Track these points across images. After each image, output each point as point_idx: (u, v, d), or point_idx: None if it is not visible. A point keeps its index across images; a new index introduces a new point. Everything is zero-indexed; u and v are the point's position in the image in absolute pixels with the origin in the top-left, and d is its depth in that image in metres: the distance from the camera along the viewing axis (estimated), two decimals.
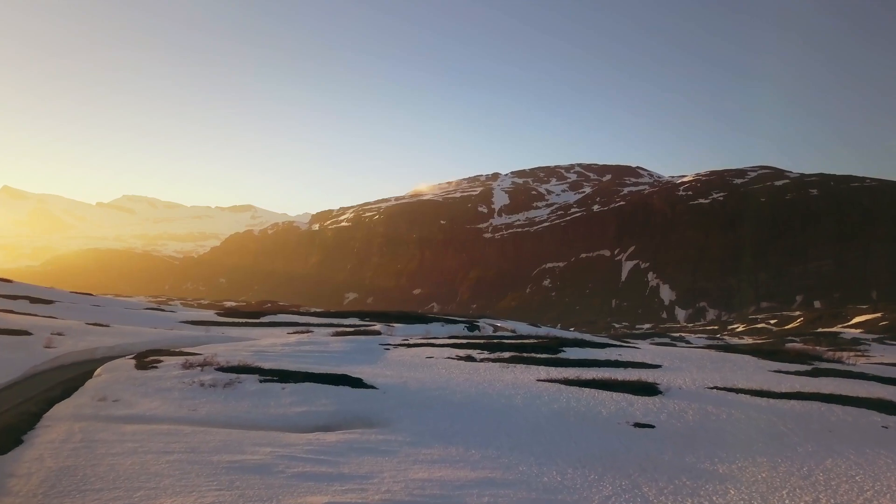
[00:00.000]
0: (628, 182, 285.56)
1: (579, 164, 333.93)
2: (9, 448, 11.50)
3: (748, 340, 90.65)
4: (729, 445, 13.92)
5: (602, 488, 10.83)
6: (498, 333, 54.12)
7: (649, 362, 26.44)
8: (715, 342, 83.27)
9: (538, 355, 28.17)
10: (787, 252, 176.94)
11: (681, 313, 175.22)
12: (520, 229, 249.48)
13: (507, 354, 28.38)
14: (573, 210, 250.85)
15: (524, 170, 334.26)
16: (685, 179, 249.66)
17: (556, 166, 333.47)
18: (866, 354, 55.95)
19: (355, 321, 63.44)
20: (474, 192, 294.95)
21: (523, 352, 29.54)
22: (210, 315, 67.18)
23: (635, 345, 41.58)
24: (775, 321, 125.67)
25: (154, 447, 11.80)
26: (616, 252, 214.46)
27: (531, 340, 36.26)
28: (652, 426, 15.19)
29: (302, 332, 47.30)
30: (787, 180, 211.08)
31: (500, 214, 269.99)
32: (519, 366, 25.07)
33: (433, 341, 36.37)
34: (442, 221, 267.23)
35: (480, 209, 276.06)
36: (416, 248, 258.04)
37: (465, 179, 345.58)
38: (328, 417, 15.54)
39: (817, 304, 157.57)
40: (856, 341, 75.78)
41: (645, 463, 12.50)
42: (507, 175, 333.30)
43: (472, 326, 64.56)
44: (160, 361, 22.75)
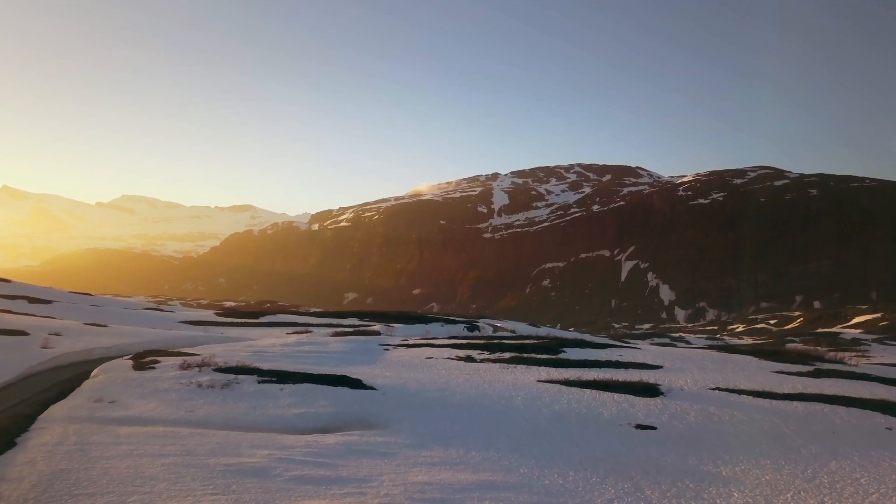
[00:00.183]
0: (628, 182, 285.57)
1: (579, 164, 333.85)
2: (1, 451, 11.31)
3: (748, 341, 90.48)
4: (732, 447, 13.76)
5: (604, 491, 10.68)
6: (498, 334, 53.94)
7: (650, 363, 26.28)
8: (715, 342, 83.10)
9: (538, 356, 28.00)
10: (786, 252, 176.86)
11: (680, 313, 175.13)
12: (519, 229, 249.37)
13: (507, 355, 28.18)
14: (573, 210, 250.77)
15: (524, 170, 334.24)
16: (685, 179, 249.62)
17: (555, 166, 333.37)
18: (867, 355, 55.80)
19: (355, 321, 63.30)
20: (474, 193, 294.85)
21: (523, 352, 29.34)
22: (209, 315, 66.99)
23: (635, 345, 41.44)
24: (775, 321, 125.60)
25: (149, 450, 11.62)
26: (616, 252, 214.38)
27: (531, 341, 36.07)
28: (654, 428, 15.03)
29: (301, 333, 47.14)
30: (787, 180, 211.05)
31: (499, 214, 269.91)
32: (519, 366, 24.90)
33: (433, 342, 36.17)
34: (441, 221, 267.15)
35: (480, 209, 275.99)
36: (415, 248, 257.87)
37: (464, 179, 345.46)
38: (327, 419, 15.38)
39: (817, 304, 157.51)
40: (856, 341, 75.66)
41: (647, 465, 12.34)
42: (506, 175, 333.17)
43: (472, 326, 64.38)
44: (158, 362, 22.58)
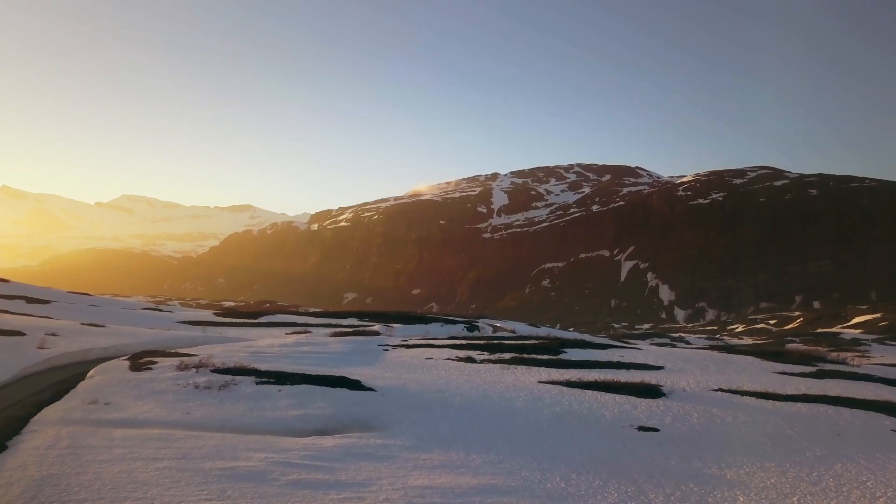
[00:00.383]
0: (627, 182, 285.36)
1: (578, 164, 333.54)
2: None
3: (748, 341, 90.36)
4: (736, 449, 13.55)
5: (607, 495, 10.48)
6: (498, 334, 53.73)
7: (651, 364, 26.09)
8: (715, 343, 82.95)
9: (539, 356, 27.78)
10: (786, 252, 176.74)
11: (680, 313, 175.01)
12: (519, 229, 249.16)
13: (507, 355, 27.96)
14: (572, 210, 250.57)
15: (523, 170, 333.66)
16: (684, 180, 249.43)
17: (555, 166, 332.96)
18: (867, 355, 55.74)
19: (354, 321, 63.07)
20: (473, 193, 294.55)
21: (524, 353, 29.11)
22: (208, 315, 66.75)
23: (636, 346, 41.26)
24: (775, 321, 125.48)
25: (144, 453, 11.40)
26: (615, 252, 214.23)
27: (531, 341, 35.85)
28: (656, 430, 14.84)
29: (300, 333, 46.93)
30: (787, 180, 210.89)
31: (499, 214, 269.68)
32: (520, 367, 24.70)
33: (432, 342, 35.94)
34: (441, 221, 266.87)
35: (480, 209, 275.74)
36: (415, 248, 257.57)
37: (464, 179, 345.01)
38: (325, 421, 15.16)
39: (816, 304, 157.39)
40: (856, 342, 75.59)
41: (650, 468, 12.14)
42: (506, 175, 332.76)
43: (472, 327, 64.16)
44: (155, 363, 22.37)
